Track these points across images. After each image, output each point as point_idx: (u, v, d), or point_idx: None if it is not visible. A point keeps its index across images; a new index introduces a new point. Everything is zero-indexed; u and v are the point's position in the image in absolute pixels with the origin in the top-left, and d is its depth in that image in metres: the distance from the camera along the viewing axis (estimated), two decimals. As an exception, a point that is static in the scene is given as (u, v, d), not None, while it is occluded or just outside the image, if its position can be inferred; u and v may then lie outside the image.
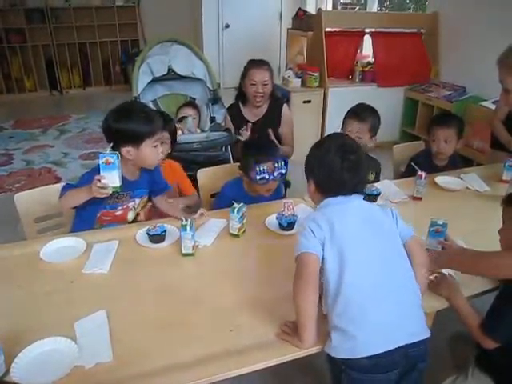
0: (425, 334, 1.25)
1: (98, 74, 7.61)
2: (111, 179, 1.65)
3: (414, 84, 4.77)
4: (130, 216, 1.99)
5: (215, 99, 3.08)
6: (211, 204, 2.30)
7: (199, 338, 1.30)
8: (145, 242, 1.76)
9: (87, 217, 1.88)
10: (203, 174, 2.33)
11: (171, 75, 3.02)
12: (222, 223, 1.88)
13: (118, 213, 1.94)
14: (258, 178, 1.97)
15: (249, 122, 2.89)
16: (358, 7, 6.86)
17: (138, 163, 1.84)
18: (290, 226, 1.85)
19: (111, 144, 1.74)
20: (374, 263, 1.27)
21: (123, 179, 1.71)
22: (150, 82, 2.99)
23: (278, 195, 2.25)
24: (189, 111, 2.97)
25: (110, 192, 1.69)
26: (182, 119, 2.92)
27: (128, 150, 1.76)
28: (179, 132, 2.84)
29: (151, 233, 1.75)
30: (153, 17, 7.27)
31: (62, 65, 7.29)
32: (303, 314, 1.23)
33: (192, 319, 1.37)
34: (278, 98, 3.11)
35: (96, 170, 1.69)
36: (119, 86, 7.54)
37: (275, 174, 1.99)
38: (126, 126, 1.74)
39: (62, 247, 1.73)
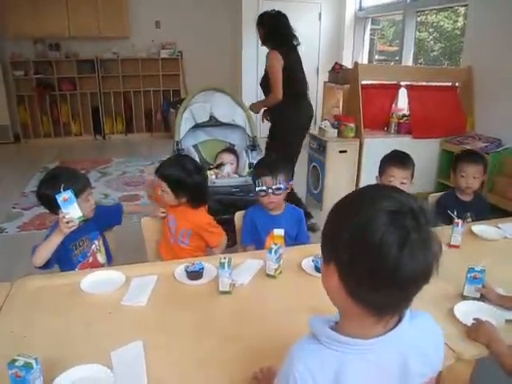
0: None
1: (140, 121, 7.95)
2: (74, 212, 1.79)
3: (450, 136, 4.77)
4: (101, 259, 2.10)
5: (254, 146, 3.18)
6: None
7: (235, 382, 1.27)
8: (183, 278, 1.79)
9: None
10: (240, 217, 2.38)
11: (212, 122, 3.15)
12: (259, 264, 1.90)
13: (91, 259, 2.07)
14: (258, 189, 2.19)
15: None
16: (392, 62, 7.03)
17: None
18: (326, 269, 1.85)
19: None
20: None
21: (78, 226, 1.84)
22: (191, 128, 3.12)
23: (296, 217, 2.33)
24: (227, 157, 3.05)
25: (77, 223, 1.81)
26: (219, 166, 3.01)
27: None
28: (213, 176, 2.91)
29: (189, 270, 1.78)
30: (194, 68, 7.66)
31: (106, 111, 7.68)
32: None
33: (227, 359, 1.35)
34: None
35: (55, 227, 1.87)
36: (160, 133, 7.84)
37: (273, 187, 2.17)
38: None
39: (101, 280, 1.78)
